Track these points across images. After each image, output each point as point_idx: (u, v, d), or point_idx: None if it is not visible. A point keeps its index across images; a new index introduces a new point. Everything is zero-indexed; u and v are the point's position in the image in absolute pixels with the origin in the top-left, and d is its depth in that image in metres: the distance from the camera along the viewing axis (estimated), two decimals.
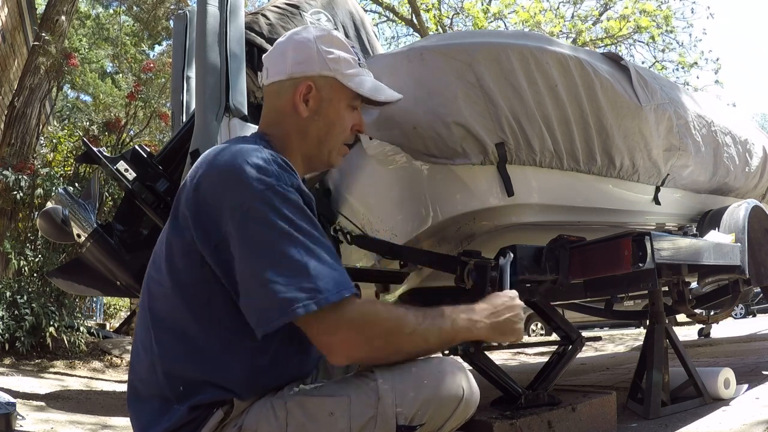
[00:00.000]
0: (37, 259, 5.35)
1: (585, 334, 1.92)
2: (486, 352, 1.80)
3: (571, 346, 1.82)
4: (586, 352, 5.98)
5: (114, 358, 5.38)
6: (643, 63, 10.83)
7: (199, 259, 0.97)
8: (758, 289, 2.94)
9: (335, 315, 0.93)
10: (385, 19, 11.91)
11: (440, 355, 1.32)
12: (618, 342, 7.39)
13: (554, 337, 2.05)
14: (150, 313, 1.02)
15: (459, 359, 1.24)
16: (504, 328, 1.10)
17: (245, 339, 0.98)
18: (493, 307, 1.11)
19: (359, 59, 1.19)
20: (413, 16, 10.12)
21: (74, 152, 6.07)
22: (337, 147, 1.18)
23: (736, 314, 11.59)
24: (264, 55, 1.19)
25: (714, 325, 6.10)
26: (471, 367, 1.61)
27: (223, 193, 0.96)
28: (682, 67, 11.17)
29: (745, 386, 2.37)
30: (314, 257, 0.93)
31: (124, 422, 2.79)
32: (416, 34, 10.53)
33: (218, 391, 1.00)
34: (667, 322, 2.19)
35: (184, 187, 1.03)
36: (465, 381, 1.05)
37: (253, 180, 0.94)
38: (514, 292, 1.17)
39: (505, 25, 10.74)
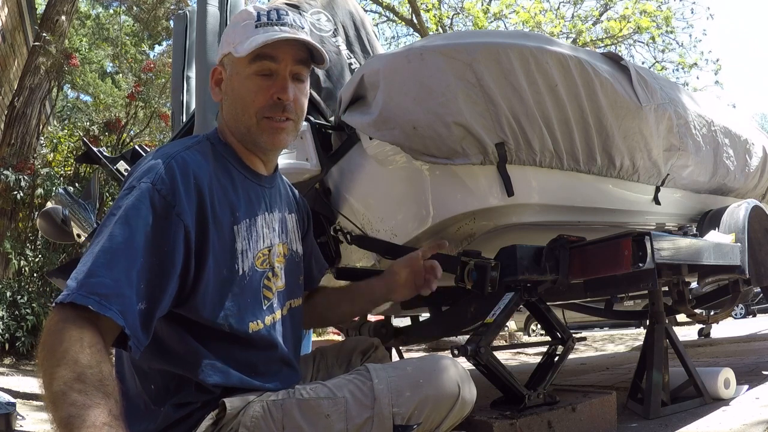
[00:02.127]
0: (37, 259, 5.36)
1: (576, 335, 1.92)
2: None
3: (563, 347, 1.83)
4: (586, 352, 5.98)
5: (114, 358, 5.39)
6: (643, 63, 10.83)
7: None
8: (758, 289, 2.94)
9: (57, 314, 0.83)
10: (385, 19, 11.91)
11: (439, 353, 1.32)
12: (618, 342, 7.40)
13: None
14: None
15: (456, 359, 1.23)
16: None
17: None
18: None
19: (260, 19, 1.08)
20: (413, 16, 10.12)
21: (74, 152, 6.08)
22: (254, 120, 1.08)
23: (736, 314, 11.59)
24: None
25: (714, 325, 6.09)
26: (474, 368, 1.61)
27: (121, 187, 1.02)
28: (682, 68, 11.17)
29: (745, 386, 2.37)
30: (103, 257, 0.85)
31: None
32: (416, 34, 10.53)
33: (200, 394, 1.00)
34: (667, 322, 2.19)
35: None
36: (461, 380, 1.04)
37: (128, 183, 0.96)
38: None
39: (505, 26, 10.74)
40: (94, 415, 0.75)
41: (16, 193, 5.35)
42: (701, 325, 6.10)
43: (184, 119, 2.77)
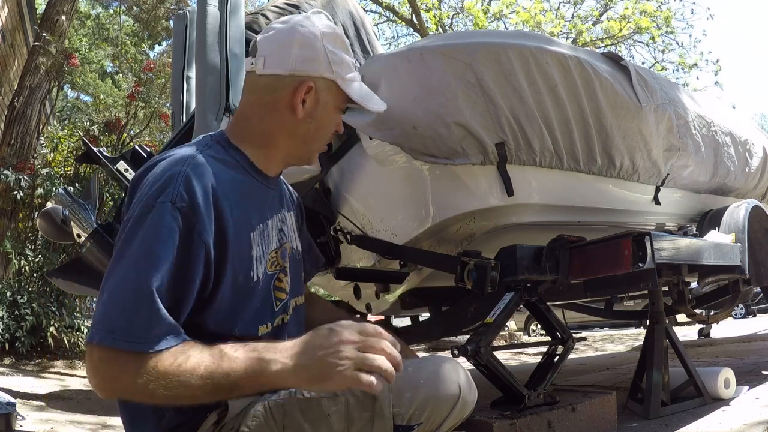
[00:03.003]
0: (37, 259, 5.35)
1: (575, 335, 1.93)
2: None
3: (564, 347, 1.83)
4: (586, 352, 5.99)
5: None
6: (643, 64, 10.83)
7: None
8: (758, 289, 2.94)
9: (109, 356, 0.84)
10: (385, 19, 11.91)
11: (439, 353, 1.32)
12: (618, 342, 7.40)
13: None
14: None
15: (456, 359, 1.23)
16: (315, 372, 0.83)
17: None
18: (305, 345, 0.85)
19: (356, 62, 1.15)
20: (413, 16, 10.12)
21: (74, 152, 6.07)
22: (318, 148, 1.15)
23: (736, 314, 11.60)
24: (260, 40, 1.10)
25: (714, 325, 6.10)
26: (474, 368, 1.61)
27: (130, 199, 0.96)
28: (682, 68, 11.17)
29: (745, 386, 2.37)
30: (141, 290, 0.85)
31: None
32: (416, 34, 10.53)
33: None
34: (667, 322, 2.19)
35: None
36: (462, 380, 1.04)
37: (143, 197, 0.92)
38: (362, 328, 0.87)
39: (505, 26, 10.73)
40: (251, 349, 0.86)
41: (16, 193, 5.34)
42: (701, 325, 6.10)
43: (184, 119, 2.77)
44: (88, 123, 6.72)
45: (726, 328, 7.22)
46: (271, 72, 1.07)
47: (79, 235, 2.54)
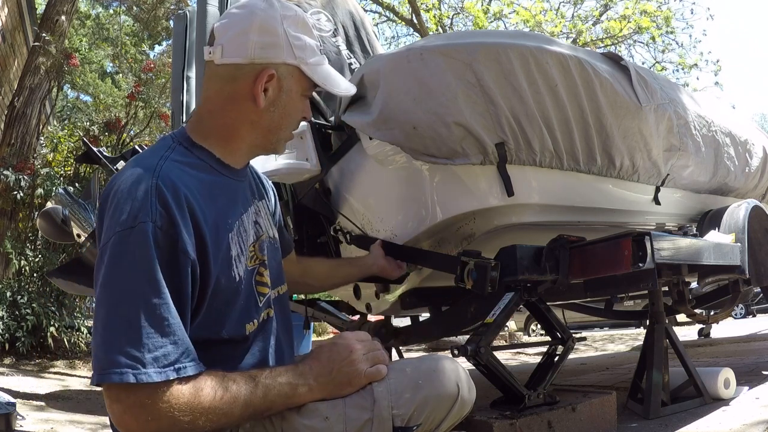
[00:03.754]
0: (37, 259, 5.36)
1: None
2: None
3: (564, 347, 1.83)
4: (586, 352, 5.99)
5: None
6: (643, 64, 10.83)
7: None
8: (758, 289, 2.94)
9: (144, 395, 0.83)
10: (385, 19, 11.91)
11: (438, 353, 1.32)
12: (618, 342, 7.40)
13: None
14: None
15: (456, 359, 1.23)
16: (338, 383, 0.98)
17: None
18: (323, 363, 0.99)
19: (320, 44, 1.14)
20: (413, 16, 10.11)
21: (74, 152, 6.08)
22: (285, 136, 1.13)
23: (736, 314, 11.60)
24: (217, 27, 1.05)
25: (714, 325, 6.10)
26: (474, 368, 1.61)
27: (100, 218, 0.95)
28: (682, 68, 11.17)
29: (745, 386, 2.37)
30: (151, 319, 0.84)
31: None
32: (416, 34, 10.52)
33: None
34: (667, 322, 2.19)
35: None
36: (460, 379, 1.04)
37: (118, 217, 0.89)
38: (358, 336, 1.04)
39: (505, 26, 10.74)
40: (279, 374, 0.95)
41: (16, 193, 5.34)
42: (701, 325, 6.10)
43: (184, 119, 2.77)
44: (88, 123, 6.72)
45: (726, 328, 7.22)
46: (230, 61, 1.03)
47: (79, 235, 2.55)
